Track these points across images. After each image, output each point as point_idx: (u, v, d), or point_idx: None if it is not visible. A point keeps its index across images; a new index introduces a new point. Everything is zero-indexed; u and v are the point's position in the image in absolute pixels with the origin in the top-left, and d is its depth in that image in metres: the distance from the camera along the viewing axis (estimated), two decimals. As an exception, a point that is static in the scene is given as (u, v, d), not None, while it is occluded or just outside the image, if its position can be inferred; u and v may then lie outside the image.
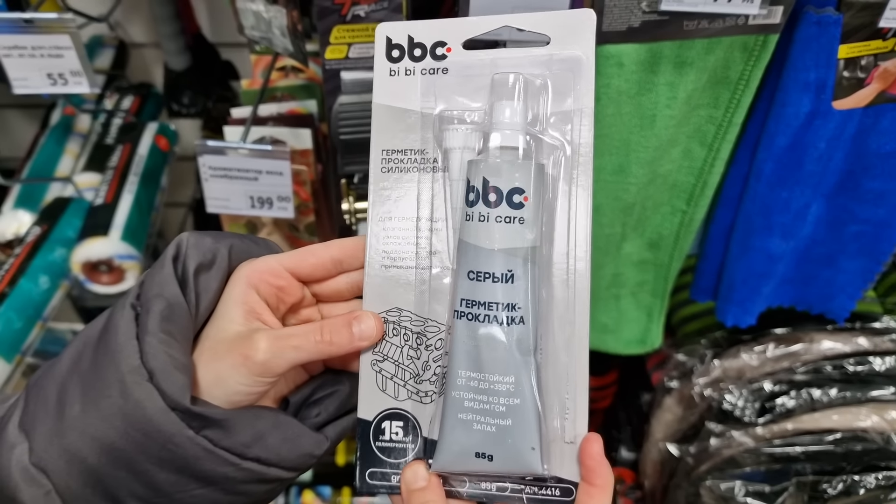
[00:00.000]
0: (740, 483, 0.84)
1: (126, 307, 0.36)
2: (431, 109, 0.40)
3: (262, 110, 0.76)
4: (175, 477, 0.35)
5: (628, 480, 1.09)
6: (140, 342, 0.34)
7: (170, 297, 0.36)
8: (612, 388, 1.12)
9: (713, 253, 0.77)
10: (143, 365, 0.34)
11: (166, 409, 0.33)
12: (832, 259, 0.74)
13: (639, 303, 0.79)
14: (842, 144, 0.64)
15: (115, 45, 1.07)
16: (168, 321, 0.35)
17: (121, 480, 0.34)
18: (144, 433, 0.34)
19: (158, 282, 0.36)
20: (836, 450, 0.82)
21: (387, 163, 0.40)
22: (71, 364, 0.36)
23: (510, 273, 0.36)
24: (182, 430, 0.34)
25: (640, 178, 0.65)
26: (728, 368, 0.90)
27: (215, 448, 0.34)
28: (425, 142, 0.40)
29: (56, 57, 0.67)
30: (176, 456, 0.34)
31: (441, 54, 0.40)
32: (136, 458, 0.34)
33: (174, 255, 0.37)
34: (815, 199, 0.69)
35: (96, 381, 0.35)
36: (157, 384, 0.34)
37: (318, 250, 0.40)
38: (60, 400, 0.35)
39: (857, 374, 0.85)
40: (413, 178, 0.40)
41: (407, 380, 0.40)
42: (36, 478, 0.35)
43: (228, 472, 0.35)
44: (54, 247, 0.83)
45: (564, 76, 0.39)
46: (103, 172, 0.89)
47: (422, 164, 0.40)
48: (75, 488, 0.35)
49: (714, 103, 0.62)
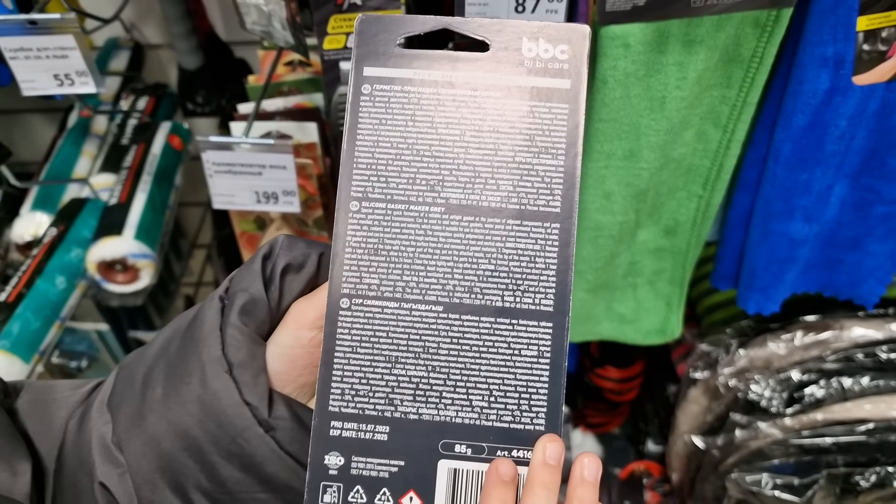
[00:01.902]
0: (767, 475, 0.82)
1: (215, 299, 0.37)
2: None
3: (269, 105, 0.76)
4: (241, 475, 0.35)
5: (656, 474, 1.07)
6: (223, 333, 0.35)
7: (254, 293, 0.36)
8: (637, 380, 1.10)
9: (733, 239, 0.74)
10: (225, 356, 0.35)
11: (241, 402, 0.34)
12: (859, 242, 0.71)
13: (657, 292, 0.77)
14: (864, 122, 0.62)
15: (130, 47, 1.08)
16: (248, 314, 0.36)
17: (189, 469, 0.35)
18: (218, 424, 0.34)
19: (247, 277, 0.37)
20: (870, 440, 0.79)
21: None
22: (160, 350, 0.37)
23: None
24: (253, 425, 0.34)
25: (652, 163, 0.63)
26: (755, 358, 0.88)
27: (282, 452, 0.35)
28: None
29: (61, 58, 0.67)
30: (244, 452, 0.34)
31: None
32: (207, 448, 0.34)
33: (266, 253, 0.38)
34: (837, 180, 0.66)
35: (180, 367, 0.36)
36: (236, 377, 0.34)
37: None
38: (145, 383, 0.36)
39: (890, 362, 0.82)
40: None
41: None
42: (115, 456, 0.35)
43: (291, 482, 0.35)
44: (71, 247, 0.83)
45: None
46: (118, 173, 0.89)
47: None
48: (146, 472, 0.35)
49: (727, 83, 0.60)
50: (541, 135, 0.34)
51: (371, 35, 0.35)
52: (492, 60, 0.35)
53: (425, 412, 0.34)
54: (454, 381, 0.34)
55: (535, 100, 0.35)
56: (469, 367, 0.34)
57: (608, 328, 0.80)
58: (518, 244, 0.34)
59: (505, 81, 0.35)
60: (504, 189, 0.34)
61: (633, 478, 1.09)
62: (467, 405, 0.34)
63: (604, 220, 0.68)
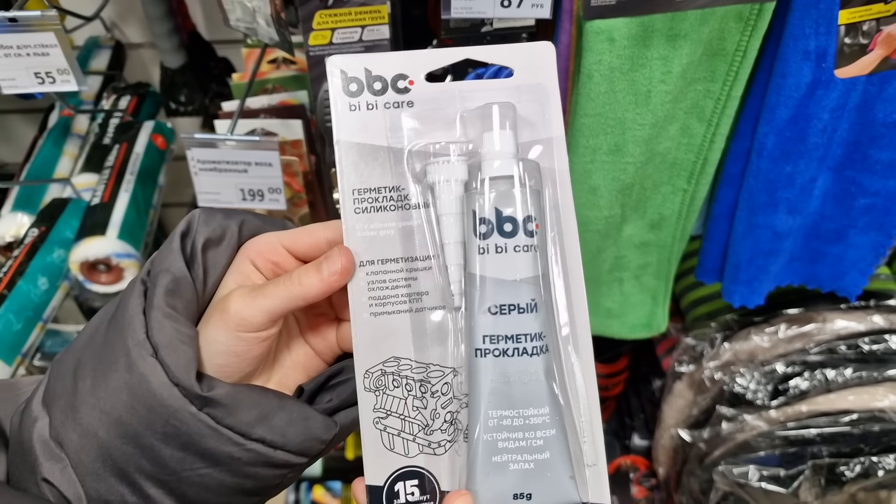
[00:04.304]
0: (754, 468, 0.82)
1: (137, 282, 0.36)
2: (401, 144, 0.38)
3: (254, 103, 0.75)
4: (181, 454, 0.35)
5: (642, 468, 1.08)
6: (146, 317, 0.35)
7: (175, 272, 0.36)
8: (623, 375, 1.11)
9: (717, 232, 0.75)
10: (149, 339, 0.34)
11: (169, 384, 0.33)
12: (841, 234, 0.71)
13: (643, 286, 0.77)
14: (846, 114, 0.62)
15: (111, 46, 1.07)
16: (172, 295, 0.35)
17: (129, 456, 0.35)
18: (149, 408, 0.34)
19: (167, 257, 0.37)
20: (853, 431, 0.80)
21: (360, 203, 0.38)
22: (87, 340, 0.37)
23: (534, 302, 0.36)
24: (185, 405, 0.34)
25: (637, 158, 0.63)
26: (739, 351, 0.88)
27: (218, 426, 0.34)
28: (399, 178, 0.38)
29: (42, 55, 0.66)
30: (180, 432, 0.34)
31: (403, 87, 0.38)
32: (143, 432, 0.34)
33: (184, 231, 0.38)
34: (820, 173, 0.67)
35: (106, 355, 0.35)
36: (162, 359, 0.34)
37: (315, 230, 0.39)
38: (76, 375, 0.36)
39: (872, 353, 0.83)
40: (391, 217, 0.38)
41: (416, 433, 0.37)
42: (55, 452, 0.35)
43: (233, 453, 0.35)
44: (52, 248, 0.82)
45: (533, 106, 0.38)
46: (100, 172, 0.88)
47: (398, 201, 0.38)
48: (87, 463, 0.35)
49: (711, 77, 0.60)
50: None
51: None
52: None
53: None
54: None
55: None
56: None
57: (594, 323, 0.79)
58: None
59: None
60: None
61: (620, 472, 1.09)
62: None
63: (590, 214, 0.68)
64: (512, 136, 0.37)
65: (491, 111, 0.37)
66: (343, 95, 0.38)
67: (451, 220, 0.37)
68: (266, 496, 0.40)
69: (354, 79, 0.38)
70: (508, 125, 0.37)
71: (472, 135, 0.38)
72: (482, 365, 0.36)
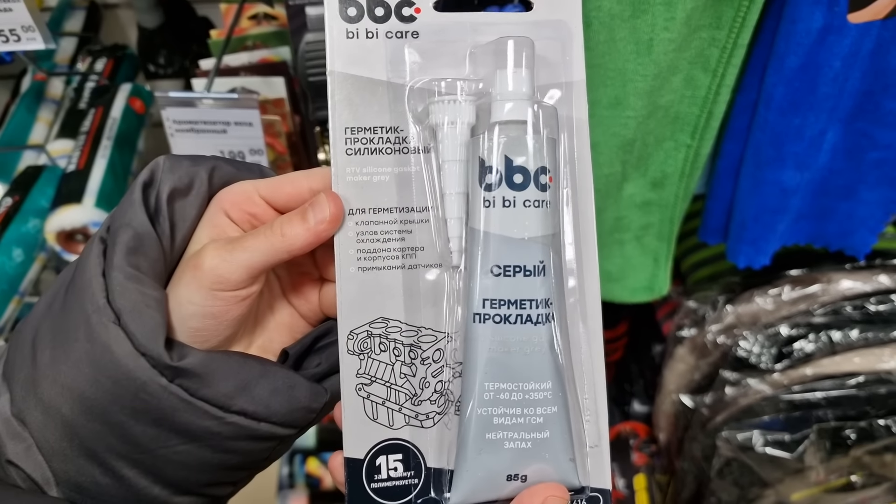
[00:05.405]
0: (758, 432, 0.80)
1: (95, 241, 0.32)
2: (403, 79, 0.34)
3: (233, 60, 0.72)
4: (154, 430, 0.31)
5: (642, 434, 1.06)
6: (106, 279, 0.31)
7: (137, 227, 0.32)
8: (622, 341, 1.09)
9: (722, 190, 0.72)
10: (110, 304, 0.30)
11: (135, 353, 0.30)
12: (851, 190, 0.68)
13: (644, 248, 0.74)
14: (859, 62, 0.59)
15: (86, 7, 1.02)
16: (135, 253, 0.32)
17: (97, 434, 0.31)
18: (114, 381, 0.30)
19: (128, 211, 0.32)
20: (859, 394, 0.78)
21: (353, 143, 0.34)
22: (45, 308, 0.33)
23: (542, 264, 0.32)
24: (154, 377, 0.30)
25: (639, 111, 0.60)
26: (742, 314, 0.86)
27: (192, 399, 0.31)
28: (398, 118, 0.34)
29: (4, 11, 0.62)
30: (150, 407, 0.31)
31: (409, 15, 0.34)
32: (109, 408, 0.31)
33: (147, 180, 0.33)
34: (830, 125, 0.64)
35: (64, 324, 0.31)
36: (125, 326, 0.30)
37: (297, 178, 0.35)
38: (34, 346, 0.32)
39: (879, 314, 0.81)
40: (387, 161, 0.34)
41: (402, 403, 0.34)
42: (18, 431, 0.32)
43: (212, 427, 0.32)
44: (27, 217, 0.79)
45: (553, 45, 0.34)
46: (76, 138, 0.84)
47: (396, 143, 0.34)
48: (53, 443, 0.32)
49: (717, 23, 0.57)
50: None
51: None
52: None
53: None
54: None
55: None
56: None
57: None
58: None
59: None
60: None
61: (620, 439, 1.08)
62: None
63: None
64: (528, 76, 0.33)
65: (505, 47, 0.33)
66: (339, 20, 0.34)
67: (455, 168, 0.34)
68: (255, 470, 0.37)
69: (354, 2, 0.34)
70: (525, 64, 0.33)
71: (482, 73, 0.34)
72: (480, 331, 0.32)
